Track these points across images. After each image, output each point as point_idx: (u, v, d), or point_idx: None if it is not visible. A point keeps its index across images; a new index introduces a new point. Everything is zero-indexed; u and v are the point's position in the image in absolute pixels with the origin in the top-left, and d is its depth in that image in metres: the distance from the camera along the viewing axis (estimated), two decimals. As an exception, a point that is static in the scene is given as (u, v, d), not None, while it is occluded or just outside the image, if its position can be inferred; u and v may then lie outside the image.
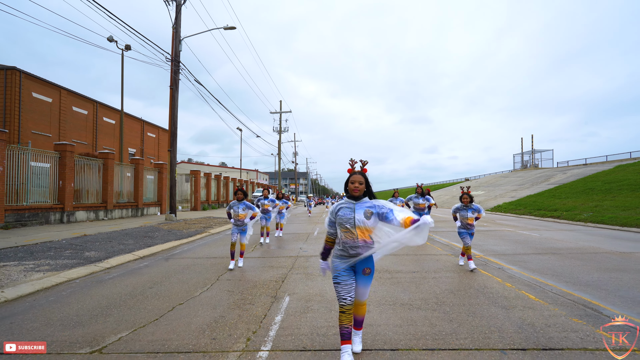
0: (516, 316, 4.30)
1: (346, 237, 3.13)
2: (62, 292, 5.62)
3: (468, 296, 5.15)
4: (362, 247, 3.09)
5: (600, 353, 3.33)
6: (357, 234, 3.07)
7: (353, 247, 3.10)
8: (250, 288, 5.65)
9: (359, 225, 3.07)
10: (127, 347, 3.52)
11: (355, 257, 3.11)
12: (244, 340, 3.65)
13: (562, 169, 42.51)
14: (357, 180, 3.15)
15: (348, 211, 3.14)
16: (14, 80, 27.57)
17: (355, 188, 3.14)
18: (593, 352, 3.34)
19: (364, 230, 3.08)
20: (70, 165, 14.51)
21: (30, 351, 3.47)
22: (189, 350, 3.44)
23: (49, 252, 8.31)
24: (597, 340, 3.58)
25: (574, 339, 3.64)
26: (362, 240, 3.08)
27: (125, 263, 7.93)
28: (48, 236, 10.52)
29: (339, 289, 3.15)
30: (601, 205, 18.76)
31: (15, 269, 6.64)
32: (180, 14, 18.00)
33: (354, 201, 3.17)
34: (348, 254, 3.14)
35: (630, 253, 8.70)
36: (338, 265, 3.18)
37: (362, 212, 3.10)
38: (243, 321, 4.19)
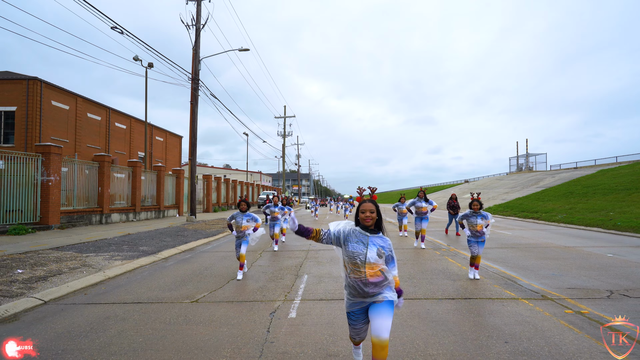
0: (458, 284, 6.51)
1: (354, 274, 2.88)
2: (143, 272, 7.84)
3: (431, 273, 7.37)
4: (371, 285, 2.84)
5: (496, 301, 5.51)
6: (366, 273, 2.82)
7: (363, 285, 2.85)
8: (277, 271, 7.88)
9: (369, 262, 2.82)
10: (211, 299, 5.73)
11: (368, 298, 2.89)
12: (283, 296, 5.86)
13: (552, 172, 44.65)
14: (369, 208, 2.91)
15: (361, 246, 2.87)
16: (35, 89, 29.73)
17: (367, 217, 2.89)
18: (492, 300, 5.54)
19: (374, 267, 2.83)
20: (107, 173, 16.75)
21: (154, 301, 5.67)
22: (252, 300, 5.66)
23: (111, 247, 10.52)
24: (500, 295, 5.76)
25: (486, 294, 5.85)
26: (371, 277, 2.83)
27: (174, 255, 10.15)
28: (100, 235, 12.74)
29: (350, 328, 3.06)
30: (575, 207, 20.96)
31: (97, 259, 8.84)
32: (199, 38, 20.23)
33: (368, 233, 2.93)
34: (358, 293, 2.90)
35: (572, 247, 10.88)
36: (351, 302, 2.98)
37: (375, 250, 2.86)
38: (279, 287, 6.42)
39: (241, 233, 7.05)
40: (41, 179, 13.06)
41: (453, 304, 5.43)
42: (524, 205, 26.45)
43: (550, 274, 7.37)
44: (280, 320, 4.78)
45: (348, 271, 2.92)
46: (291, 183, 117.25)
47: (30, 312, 5.23)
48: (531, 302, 5.48)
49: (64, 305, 5.56)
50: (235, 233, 7.13)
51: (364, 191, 3.23)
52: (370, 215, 2.89)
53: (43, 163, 13.14)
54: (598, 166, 39.70)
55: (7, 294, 5.72)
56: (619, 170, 28.93)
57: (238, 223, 7.07)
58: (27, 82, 29.88)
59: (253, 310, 5.19)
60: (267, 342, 4.04)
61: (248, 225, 7.05)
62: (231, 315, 4.99)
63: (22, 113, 29.91)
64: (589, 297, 5.70)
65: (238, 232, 7.08)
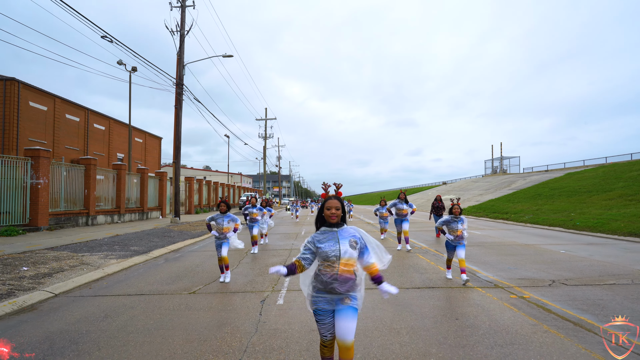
0: (425, 277, 7.41)
1: (325, 269, 2.84)
2: (139, 269, 8.48)
3: (402, 267, 8.26)
4: (341, 281, 2.80)
5: (455, 289, 6.41)
6: (339, 268, 2.79)
7: (331, 280, 2.82)
8: (264, 267, 8.63)
9: (344, 257, 2.79)
10: (207, 291, 6.45)
11: (336, 294, 2.85)
12: (270, 288, 6.63)
13: (524, 175, 46.63)
14: (334, 205, 2.90)
15: (332, 242, 2.85)
16: (12, 90, 29.41)
17: (332, 215, 2.89)
18: (451, 288, 6.45)
19: (348, 262, 2.81)
20: (93, 176, 17.13)
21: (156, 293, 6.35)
22: (244, 291, 6.41)
23: (103, 247, 11.05)
24: (459, 285, 6.67)
25: (447, 284, 6.76)
26: (342, 275, 2.80)
27: (165, 254, 10.77)
28: (90, 236, 13.19)
29: (319, 325, 2.94)
30: (541, 209, 22.37)
31: (93, 257, 9.41)
32: (183, 44, 20.76)
33: (335, 228, 2.93)
34: (326, 289, 2.86)
35: (532, 245, 11.98)
36: (316, 300, 2.91)
37: (347, 242, 2.84)
38: (266, 281, 7.18)
39: (222, 235, 6.97)
40: (31, 182, 13.44)
41: (418, 292, 6.31)
42: (495, 206, 27.84)
43: (506, 267, 8.36)
44: (270, 306, 5.56)
45: (320, 267, 2.89)
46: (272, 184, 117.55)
47: (44, 303, 5.86)
48: (484, 290, 6.41)
49: (73, 297, 6.20)
50: (215, 233, 7.02)
51: (330, 187, 3.14)
52: (336, 213, 2.90)
53: (32, 166, 13.52)
54: (567, 169, 41.71)
55: (20, 288, 6.31)
56: (584, 174, 30.71)
57: (219, 224, 6.97)
58: (4, 82, 29.53)
59: (246, 299, 5.95)
60: (260, 322, 4.82)
61: (229, 227, 7.00)
62: (227, 303, 5.74)
63: (-2, 113, 29.63)
64: (534, 286, 6.67)
65: (219, 234, 6.98)
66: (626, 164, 30.34)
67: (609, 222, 15.35)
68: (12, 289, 6.27)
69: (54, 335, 4.45)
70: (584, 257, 9.66)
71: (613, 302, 5.63)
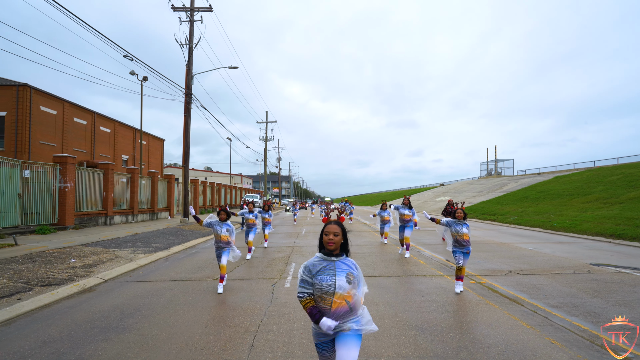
0: (406, 268, 8.96)
1: (321, 302, 2.71)
2: (165, 262, 10.00)
3: (388, 261, 9.81)
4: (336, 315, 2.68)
5: (427, 277, 7.94)
6: (333, 301, 2.66)
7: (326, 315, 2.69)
8: (271, 260, 10.16)
9: (338, 292, 2.66)
10: (228, 278, 7.97)
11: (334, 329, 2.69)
12: (278, 276, 8.17)
13: (516, 177, 48.21)
14: (333, 231, 2.77)
15: (328, 275, 2.71)
16: (25, 95, 30.92)
17: (330, 241, 2.74)
18: (425, 276, 7.98)
19: (342, 296, 2.67)
20: (111, 179, 18.66)
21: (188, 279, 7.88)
22: (257, 278, 7.96)
23: (128, 244, 12.57)
24: (432, 273, 8.20)
25: (423, 273, 8.30)
26: (335, 310, 2.67)
27: (183, 250, 12.30)
28: (113, 234, 14.71)
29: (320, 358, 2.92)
30: (526, 211, 23.94)
31: (123, 252, 10.91)
32: (192, 56, 22.28)
33: (333, 258, 2.78)
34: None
35: (507, 243, 13.52)
36: (317, 332, 2.81)
37: (343, 276, 2.71)
38: (274, 271, 8.72)
39: (221, 243, 6.96)
40: (59, 186, 14.96)
41: (397, 279, 7.85)
42: (485, 208, 29.39)
43: (476, 261, 9.89)
44: (279, 288, 7.10)
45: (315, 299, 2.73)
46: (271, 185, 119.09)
47: (99, 286, 7.39)
48: (452, 277, 7.95)
49: (120, 282, 7.73)
50: (215, 242, 7.11)
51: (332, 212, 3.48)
52: (334, 239, 2.74)
53: (60, 172, 15.05)
54: (558, 172, 43.25)
55: (76, 275, 7.84)
56: (570, 177, 32.27)
57: (217, 232, 6.96)
58: (16, 88, 30.97)
59: (259, 284, 7.49)
60: (273, 298, 6.36)
61: (227, 235, 6.96)
62: (245, 287, 7.28)
63: (11, 118, 31.04)
64: (492, 275, 8.21)
65: (217, 242, 7.01)
66: (611, 167, 31.91)
67: (581, 223, 16.91)
68: (71, 275, 7.80)
69: (119, 306, 5.99)
70: (547, 253, 11.20)
71: (549, 286, 7.18)
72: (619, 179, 24.42)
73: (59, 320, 5.33)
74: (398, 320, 5.22)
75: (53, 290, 6.67)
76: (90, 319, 5.39)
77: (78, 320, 5.31)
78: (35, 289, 6.73)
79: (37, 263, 8.67)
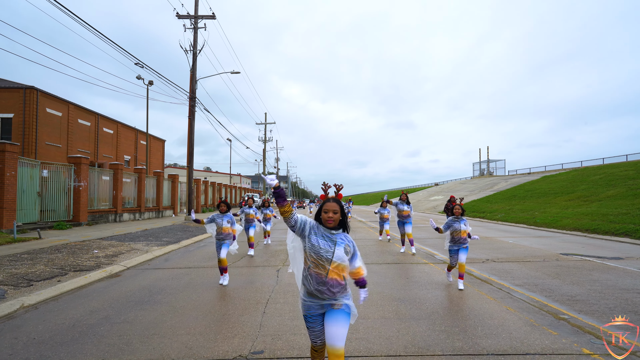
0: (395, 257, 10.01)
1: (313, 270, 2.71)
2: (178, 253, 11.01)
3: (380, 252, 10.86)
4: (330, 285, 2.68)
5: (414, 264, 8.99)
6: (329, 272, 2.67)
7: (319, 283, 2.69)
8: (274, 252, 11.19)
9: (335, 261, 2.68)
10: (237, 265, 9.00)
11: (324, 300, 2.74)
12: (282, 263, 9.20)
13: (507, 177, 49.46)
14: (332, 208, 2.77)
15: (328, 243, 2.73)
16: (32, 97, 31.87)
17: (329, 218, 2.74)
18: (412, 264, 9.04)
19: (338, 267, 2.69)
20: (120, 179, 19.64)
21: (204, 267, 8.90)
22: (263, 265, 8.99)
23: (140, 238, 13.56)
24: (419, 262, 9.25)
25: (411, 261, 9.35)
26: (331, 279, 2.68)
27: (192, 244, 13.30)
28: (124, 230, 15.69)
29: (309, 331, 2.91)
30: (513, 208, 25.08)
31: (138, 245, 11.91)
32: (196, 62, 23.26)
33: (333, 231, 2.79)
34: (313, 292, 2.75)
35: (490, 237, 14.61)
36: (307, 304, 2.81)
37: (342, 247, 2.74)
38: (278, 259, 9.76)
39: (222, 235, 7.06)
40: (74, 185, 15.94)
41: (388, 266, 8.90)
42: (476, 206, 30.51)
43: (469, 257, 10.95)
44: (283, 273, 8.13)
45: (309, 265, 2.74)
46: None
47: (123, 272, 8.39)
48: (434, 264, 9.03)
49: (141, 269, 8.74)
50: (215, 234, 7.17)
51: (329, 188, 3.05)
52: (333, 217, 2.75)
53: (75, 171, 16.02)
54: (547, 172, 44.52)
55: (101, 263, 8.84)
56: (557, 177, 33.47)
57: (218, 224, 7.05)
58: (24, 90, 31.92)
59: (265, 270, 8.52)
60: (278, 280, 7.40)
61: (228, 226, 7.07)
62: (252, 272, 8.31)
63: (19, 120, 31.95)
64: (472, 262, 9.27)
65: (218, 234, 7.10)
66: (595, 167, 33.14)
67: (561, 220, 18.04)
68: (97, 263, 8.80)
69: (146, 287, 7.00)
70: (525, 245, 12.29)
71: (518, 270, 8.25)
72: (601, 179, 25.60)
73: (98, 297, 6.34)
74: (384, 295, 6.27)
75: (85, 275, 7.67)
76: (124, 295, 6.41)
77: (114, 296, 6.33)
78: (70, 273, 7.73)
79: (65, 253, 9.68)
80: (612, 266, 8.72)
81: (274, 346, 4.18)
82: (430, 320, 4.99)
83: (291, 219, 2.81)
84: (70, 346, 4.19)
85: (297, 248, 3.00)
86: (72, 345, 4.20)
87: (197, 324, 4.94)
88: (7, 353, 4.03)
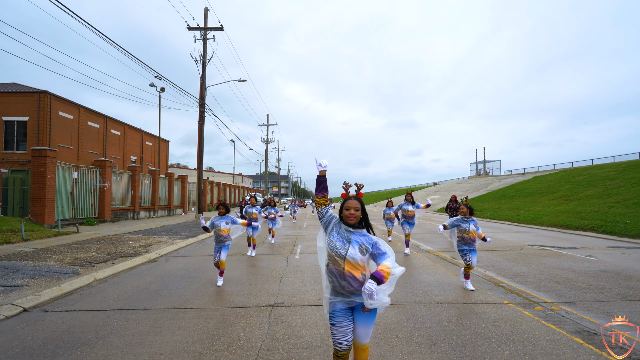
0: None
1: (332, 265, 2.82)
2: (197, 245, 12.78)
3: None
4: (349, 279, 2.75)
5: (409, 256, 10.74)
6: (344, 267, 2.75)
7: (340, 277, 2.78)
8: (281, 245, 12.97)
9: (348, 259, 2.75)
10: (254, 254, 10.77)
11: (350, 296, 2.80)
12: (289, 253, 10.97)
13: (501, 177, 51.19)
14: (353, 206, 2.88)
15: (342, 241, 2.83)
16: (45, 102, 33.64)
17: (350, 215, 2.85)
18: (407, 256, 10.80)
19: (353, 265, 2.75)
20: (138, 180, 21.43)
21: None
22: (273, 254, 10.78)
23: (162, 233, 15.32)
24: (413, 253, 11.00)
25: (402, 254, 11.12)
26: (349, 273, 2.75)
27: (208, 238, 15.06)
28: (145, 226, 17.45)
29: (334, 331, 2.84)
30: (501, 207, 26.82)
31: (163, 238, 13.66)
32: (205, 70, 25.03)
33: (351, 229, 2.87)
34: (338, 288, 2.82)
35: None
36: (333, 302, 2.86)
37: (357, 246, 2.80)
38: (286, 250, 11.53)
39: (221, 237, 7.04)
40: (99, 185, 17.73)
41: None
42: (469, 205, 32.22)
43: (442, 245, 12.71)
44: (292, 258, 9.91)
45: (328, 261, 2.86)
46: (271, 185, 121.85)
47: (159, 258, 10.16)
48: (420, 254, 10.80)
49: (172, 257, 10.51)
50: (214, 237, 7.15)
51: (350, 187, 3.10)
52: (355, 214, 2.84)
53: (100, 173, 17.80)
54: (540, 172, 46.17)
55: (139, 252, 10.62)
56: (547, 177, 35.20)
57: (217, 227, 7.02)
58: (38, 95, 33.66)
59: (275, 257, 10.29)
60: (287, 264, 9.17)
61: (228, 228, 7.07)
62: (265, 259, 10.09)
63: (33, 123, 33.71)
64: (447, 251, 11.02)
65: (217, 237, 7.07)
66: (582, 168, 34.87)
67: (541, 217, 19.79)
68: (135, 251, 10.58)
69: (183, 267, 8.77)
70: (501, 238, 14.06)
71: (484, 257, 10.01)
72: (584, 179, 27.34)
73: (148, 274, 8.11)
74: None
75: (131, 259, 9.46)
76: (168, 273, 8.18)
77: (161, 274, 8.10)
78: (118, 258, 9.51)
79: (106, 244, 11.47)
80: (564, 254, 10.48)
81: (290, 300, 5.97)
82: (400, 286, 6.78)
83: (322, 210, 3.04)
84: (146, 301, 5.98)
85: (322, 249, 3.02)
86: (148, 300, 5.99)
87: (233, 289, 6.72)
88: (107, 303, 5.82)
